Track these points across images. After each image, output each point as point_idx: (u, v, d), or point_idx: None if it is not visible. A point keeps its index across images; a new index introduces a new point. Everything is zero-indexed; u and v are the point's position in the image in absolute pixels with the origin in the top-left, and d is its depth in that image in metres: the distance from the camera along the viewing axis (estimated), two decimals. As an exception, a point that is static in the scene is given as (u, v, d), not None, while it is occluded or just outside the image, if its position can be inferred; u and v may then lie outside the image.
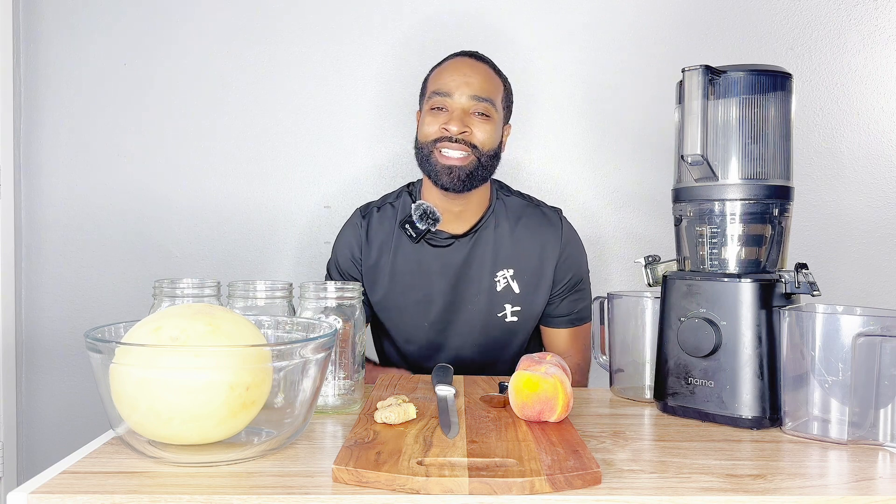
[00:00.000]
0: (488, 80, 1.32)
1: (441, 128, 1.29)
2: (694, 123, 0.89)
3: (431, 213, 1.29)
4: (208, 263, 1.86)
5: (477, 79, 1.30)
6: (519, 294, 1.35)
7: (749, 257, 0.94)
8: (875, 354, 0.78)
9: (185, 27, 1.84)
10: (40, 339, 1.86)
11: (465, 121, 1.28)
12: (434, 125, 1.30)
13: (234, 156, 1.86)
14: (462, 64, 1.33)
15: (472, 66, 1.32)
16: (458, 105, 1.29)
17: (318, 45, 1.85)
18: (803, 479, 0.70)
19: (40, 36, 1.83)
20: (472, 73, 1.31)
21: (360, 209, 1.45)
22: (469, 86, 1.29)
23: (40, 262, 1.85)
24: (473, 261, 1.35)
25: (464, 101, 1.28)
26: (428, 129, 1.31)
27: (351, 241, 1.41)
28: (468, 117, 1.29)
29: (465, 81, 1.29)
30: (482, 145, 1.29)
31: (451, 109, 1.29)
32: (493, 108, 1.31)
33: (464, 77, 1.30)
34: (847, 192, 1.89)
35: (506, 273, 1.35)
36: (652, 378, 1.01)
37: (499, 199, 1.40)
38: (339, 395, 0.93)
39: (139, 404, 0.68)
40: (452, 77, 1.30)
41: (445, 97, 1.29)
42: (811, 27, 1.87)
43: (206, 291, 0.96)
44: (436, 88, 1.31)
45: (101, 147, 1.85)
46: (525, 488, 0.63)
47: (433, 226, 1.30)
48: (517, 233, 1.37)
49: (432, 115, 1.31)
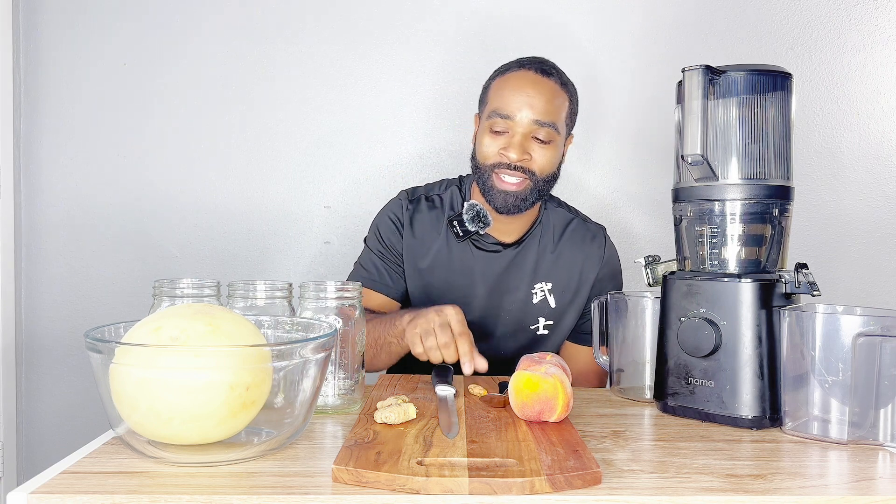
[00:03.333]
0: (553, 101, 1.24)
1: (500, 152, 1.24)
2: (694, 123, 0.89)
3: (484, 216, 1.26)
4: (208, 263, 1.86)
5: (541, 101, 1.23)
6: (554, 309, 1.35)
7: (749, 257, 0.94)
8: (875, 354, 0.78)
9: (184, 27, 1.84)
10: (40, 339, 1.86)
11: (525, 146, 1.23)
12: (493, 147, 1.25)
13: (234, 156, 1.86)
14: (525, 81, 1.24)
15: (536, 85, 1.24)
16: (519, 130, 1.23)
17: (318, 45, 1.85)
18: (803, 479, 0.70)
19: (40, 36, 1.83)
20: (535, 93, 1.23)
21: (406, 192, 1.41)
22: (532, 108, 1.22)
23: (40, 262, 1.85)
24: (515, 270, 1.34)
25: (525, 125, 1.22)
26: (487, 150, 1.26)
27: (396, 216, 1.37)
28: (528, 142, 1.24)
29: (528, 103, 1.22)
30: (540, 171, 1.25)
31: (512, 133, 1.24)
32: (556, 132, 1.25)
33: (527, 98, 1.22)
34: (847, 192, 1.89)
35: (544, 286, 1.35)
36: (652, 378, 1.01)
37: (546, 210, 1.39)
38: (339, 395, 0.93)
39: (139, 404, 0.68)
40: (515, 97, 1.23)
41: (507, 119, 1.23)
42: (811, 27, 1.87)
43: (206, 291, 0.96)
44: (496, 108, 1.25)
45: (101, 147, 1.85)
46: (525, 488, 0.63)
47: (482, 229, 1.28)
48: (560, 247, 1.37)
49: (492, 136, 1.25)
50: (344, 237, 1.86)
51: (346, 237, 1.86)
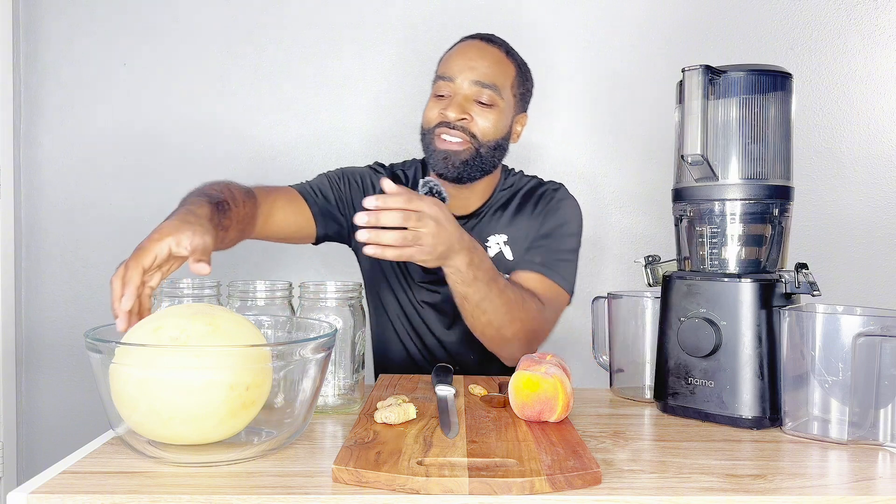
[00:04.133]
0: (496, 66, 1.25)
1: (440, 112, 1.23)
2: (694, 123, 0.89)
3: (438, 192, 1.24)
4: (208, 263, 1.86)
5: (483, 63, 1.23)
6: (511, 261, 1.29)
7: (749, 257, 0.94)
8: (875, 354, 0.78)
9: (184, 27, 1.84)
10: (40, 339, 1.86)
11: (466, 107, 1.22)
12: (435, 110, 1.25)
13: (233, 155, 1.86)
14: (470, 48, 1.27)
15: (479, 50, 1.26)
16: (460, 91, 1.23)
17: (319, 45, 1.85)
18: (803, 479, 0.70)
19: (40, 36, 1.83)
20: (478, 57, 1.24)
21: (374, 165, 1.40)
22: (473, 70, 1.23)
23: (40, 262, 1.85)
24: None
25: (466, 86, 1.22)
26: (429, 113, 1.26)
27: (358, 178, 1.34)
28: (469, 104, 1.23)
29: (469, 66, 1.23)
30: (483, 135, 1.23)
31: (453, 94, 1.23)
32: (498, 96, 1.24)
33: (468, 61, 1.24)
34: (847, 192, 1.89)
35: (499, 239, 1.30)
36: (652, 378, 1.01)
37: (504, 180, 1.36)
38: (339, 395, 0.93)
39: (139, 404, 0.68)
40: (457, 61, 1.25)
41: (448, 82, 1.24)
42: (811, 27, 1.87)
43: (205, 291, 0.96)
44: (441, 72, 1.27)
45: (100, 147, 1.85)
46: (525, 488, 0.63)
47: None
48: (515, 204, 1.33)
49: (435, 100, 1.26)
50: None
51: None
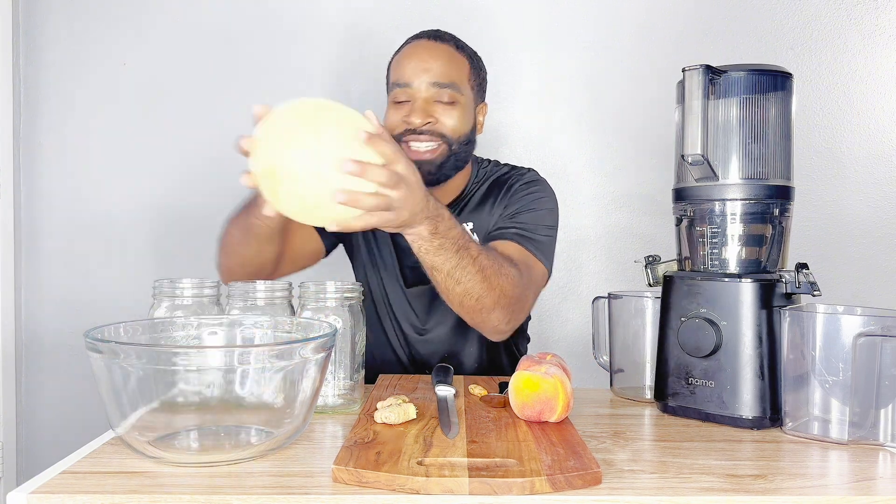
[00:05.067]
0: (450, 63, 1.22)
1: (404, 120, 1.20)
2: (694, 123, 0.89)
3: None
4: (208, 263, 1.86)
5: (437, 63, 1.21)
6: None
7: (749, 257, 0.94)
8: (875, 354, 0.78)
9: (185, 27, 1.84)
10: (40, 339, 1.86)
11: (429, 110, 1.19)
12: (397, 117, 1.21)
13: (234, 155, 1.85)
14: (419, 49, 1.23)
15: (430, 50, 1.22)
16: (420, 95, 1.20)
17: (320, 46, 1.85)
18: (804, 480, 0.70)
19: (40, 36, 1.83)
20: (431, 57, 1.21)
21: None
22: (429, 72, 1.20)
23: (40, 262, 1.85)
24: None
25: (424, 89, 1.20)
26: (391, 122, 1.22)
27: None
28: (432, 106, 1.20)
29: (423, 68, 1.20)
30: (452, 132, 1.21)
31: (413, 100, 1.20)
32: (459, 93, 1.22)
33: (422, 63, 1.20)
34: (847, 192, 1.89)
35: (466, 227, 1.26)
36: (652, 378, 1.01)
37: (476, 174, 1.34)
38: (339, 395, 0.93)
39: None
40: (410, 64, 1.21)
41: (406, 88, 1.20)
42: (811, 27, 1.87)
43: (205, 291, 0.96)
44: (395, 79, 1.23)
45: (100, 147, 1.85)
46: (525, 488, 0.63)
47: None
48: (485, 193, 1.32)
49: (395, 108, 1.22)
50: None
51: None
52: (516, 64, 1.83)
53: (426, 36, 1.26)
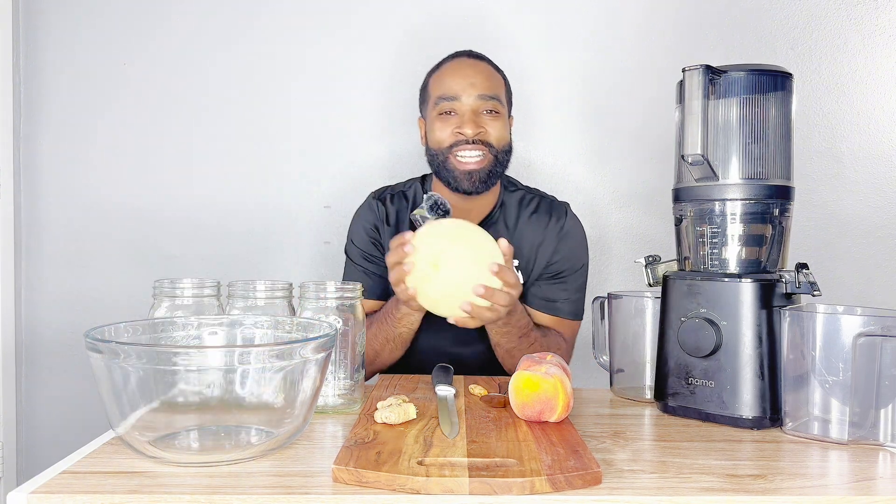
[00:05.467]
0: (491, 78, 1.32)
1: (455, 132, 1.28)
2: (694, 123, 0.89)
3: (442, 204, 1.28)
4: (208, 263, 1.86)
5: (481, 78, 1.30)
6: (524, 284, 1.35)
7: (749, 257, 0.94)
8: (875, 354, 0.78)
9: (185, 27, 1.84)
10: (40, 339, 1.86)
11: (478, 121, 1.28)
12: (446, 130, 1.29)
13: (234, 155, 1.85)
14: (463, 65, 1.33)
15: (473, 66, 1.32)
16: (468, 107, 1.28)
17: (319, 44, 1.85)
18: (804, 480, 0.70)
19: (40, 36, 1.83)
20: (474, 73, 1.31)
21: (374, 194, 1.45)
22: (475, 86, 1.29)
23: (40, 262, 1.85)
24: None
25: (472, 101, 1.28)
26: (440, 134, 1.30)
27: (369, 222, 1.40)
28: (479, 117, 1.29)
29: (470, 83, 1.29)
30: (497, 143, 1.30)
31: (462, 112, 1.29)
32: (501, 104, 1.31)
33: (468, 78, 1.29)
34: (847, 192, 1.89)
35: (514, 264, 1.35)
36: (652, 378, 1.01)
37: (505, 194, 1.41)
38: (339, 395, 0.93)
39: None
40: (456, 80, 1.30)
41: (454, 101, 1.29)
42: (811, 27, 1.87)
43: (205, 291, 0.96)
44: (441, 93, 1.31)
45: (101, 147, 1.85)
46: (525, 488, 0.63)
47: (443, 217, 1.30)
48: (521, 223, 1.38)
49: (442, 119, 1.30)
50: (344, 237, 1.84)
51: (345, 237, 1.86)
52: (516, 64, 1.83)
53: (465, 54, 1.36)
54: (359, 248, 1.41)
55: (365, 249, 1.40)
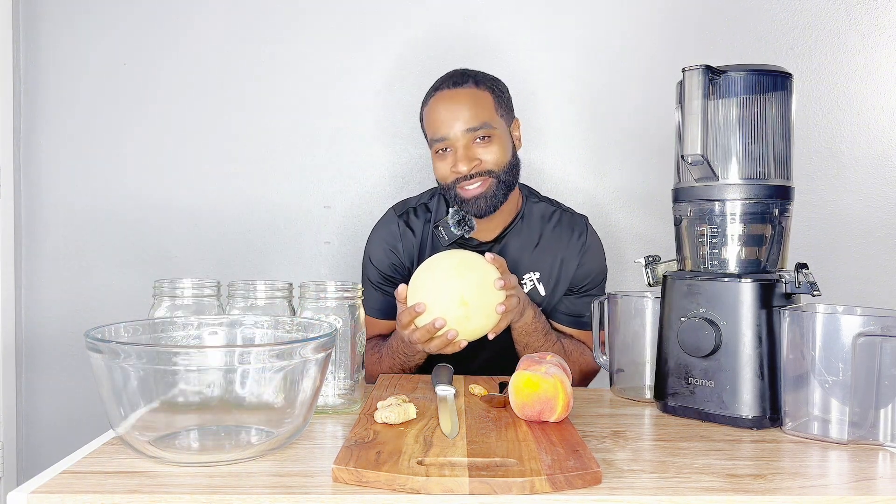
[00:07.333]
0: (475, 104, 1.29)
1: (452, 171, 1.30)
2: (694, 123, 0.89)
3: (469, 220, 1.32)
4: (208, 263, 1.86)
5: (465, 108, 1.28)
6: (545, 297, 1.38)
7: (749, 257, 0.94)
8: (875, 354, 0.78)
9: (185, 28, 1.84)
10: (40, 339, 1.86)
11: (470, 154, 1.28)
12: (445, 168, 1.31)
13: (234, 155, 1.86)
14: (444, 100, 1.31)
15: (455, 98, 1.30)
16: (460, 143, 1.28)
17: (318, 46, 1.85)
18: (803, 479, 0.70)
19: (40, 36, 1.83)
20: (459, 106, 1.29)
21: (395, 209, 1.45)
22: (462, 121, 1.28)
23: (40, 262, 1.85)
24: None
25: (461, 137, 1.28)
26: (441, 173, 1.33)
27: (387, 243, 1.41)
28: (472, 150, 1.29)
29: (452, 119, 1.28)
30: (496, 166, 1.30)
31: (454, 150, 1.30)
32: (492, 128, 1.30)
33: (453, 113, 1.29)
34: (847, 192, 1.89)
35: (532, 276, 1.38)
36: (652, 378, 1.01)
37: (527, 205, 1.42)
38: (339, 395, 0.93)
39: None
40: (442, 117, 1.30)
41: (444, 141, 1.30)
42: (811, 27, 1.87)
43: (206, 291, 0.96)
44: (432, 135, 1.32)
45: (100, 147, 1.85)
46: (525, 488, 0.63)
47: (468, 233, 1.32)
48: (543, 238, 1.40)
49: (440, 157, 1.32)
50: (344, 237, 1.87)
51: (346, 237, 1.86)
52: (515, 65, 1.83)
53: (446, 85, 1.33)
54: (377, 269, 1.42)
55: (383, 271, 1.41)
